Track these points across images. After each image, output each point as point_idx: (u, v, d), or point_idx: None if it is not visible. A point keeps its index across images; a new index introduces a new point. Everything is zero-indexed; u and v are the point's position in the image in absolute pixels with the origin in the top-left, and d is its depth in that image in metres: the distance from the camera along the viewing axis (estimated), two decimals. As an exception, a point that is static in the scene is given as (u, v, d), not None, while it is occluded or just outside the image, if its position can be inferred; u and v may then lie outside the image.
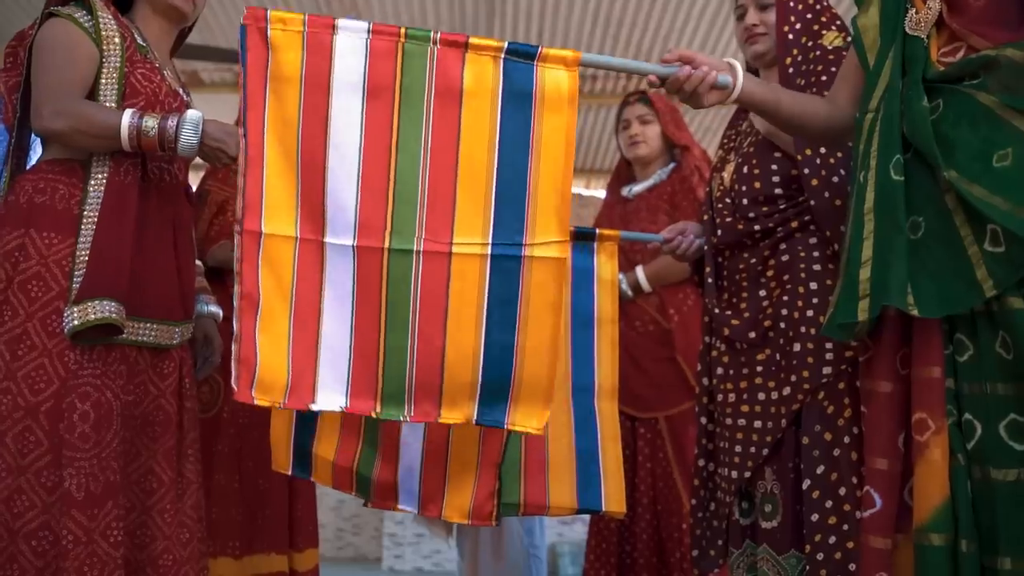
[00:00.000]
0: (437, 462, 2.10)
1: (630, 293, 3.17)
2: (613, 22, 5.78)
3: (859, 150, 1.62)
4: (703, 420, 2.22)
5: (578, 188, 8.01)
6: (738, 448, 2.06)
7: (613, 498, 2.24)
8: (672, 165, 3.32)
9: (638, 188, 3.33)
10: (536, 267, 1.72)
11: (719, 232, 2.17)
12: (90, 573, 1.78)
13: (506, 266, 1.71)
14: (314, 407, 1.72)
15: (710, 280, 2.19)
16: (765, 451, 2.01)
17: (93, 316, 1.82)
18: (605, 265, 2.31)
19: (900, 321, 1.55)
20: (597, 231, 2.35)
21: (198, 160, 2.05)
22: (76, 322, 1.82)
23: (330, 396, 1.72)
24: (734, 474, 2.06)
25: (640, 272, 3.19)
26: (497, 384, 1.73)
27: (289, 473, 2.17)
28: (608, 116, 7.01)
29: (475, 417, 1.75)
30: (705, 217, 2.28)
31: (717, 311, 2.14)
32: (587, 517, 6.36)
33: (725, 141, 2.32)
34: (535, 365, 1.74)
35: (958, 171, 1.49)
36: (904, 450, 1.53)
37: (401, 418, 1.74)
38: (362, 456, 2.13)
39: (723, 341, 2.15)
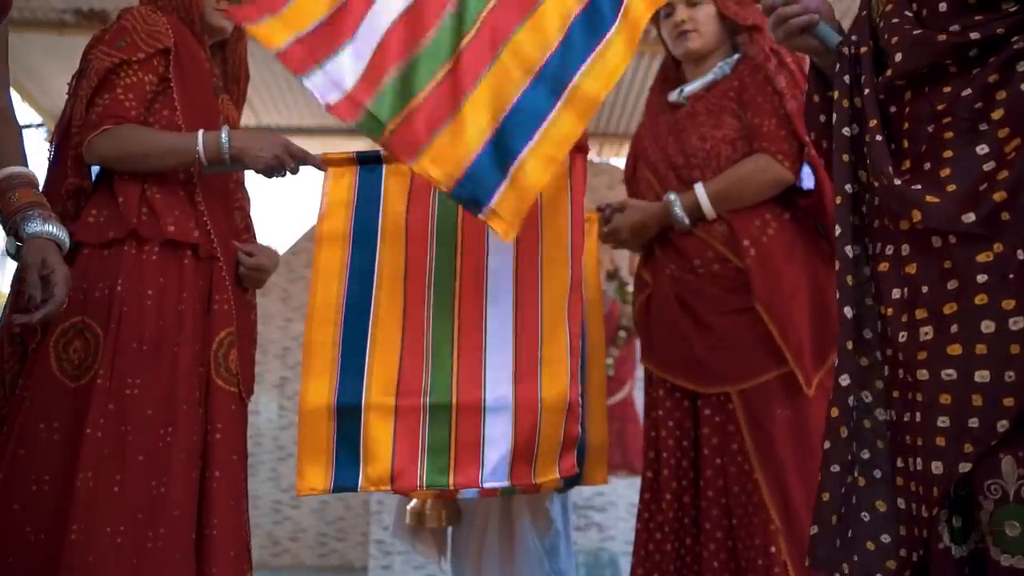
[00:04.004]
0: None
1: (686, 221, 2.29)
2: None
3: None
4: (844, 379, 1.32)
5: (590, 155, 7.17)
6: (942, 422, 1.17)
7: None
8: (736, 56, 2.42)
9: (692, 87, 2.43)
10: None
11: (898, 57, 1.28)
12: None
13: None
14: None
15: (879, 138, 1.29)
16: (1002, 425, 1.12)
17: None
18: None
19: None
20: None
21: None
22: None
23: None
24: (936, 467, 1.17)
25: (700, 191, 2.29)
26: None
27: (330, 491, 1.80)
28: (628, 67, 6.13)
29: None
30: (864, 49, 1.38)
31: (897, 183, 1.24)
32: (604, 521, 5.60)
33: None
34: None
35: None
36: None
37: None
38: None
39: (903, 239, 1.26)
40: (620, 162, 7.39)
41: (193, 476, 1.83)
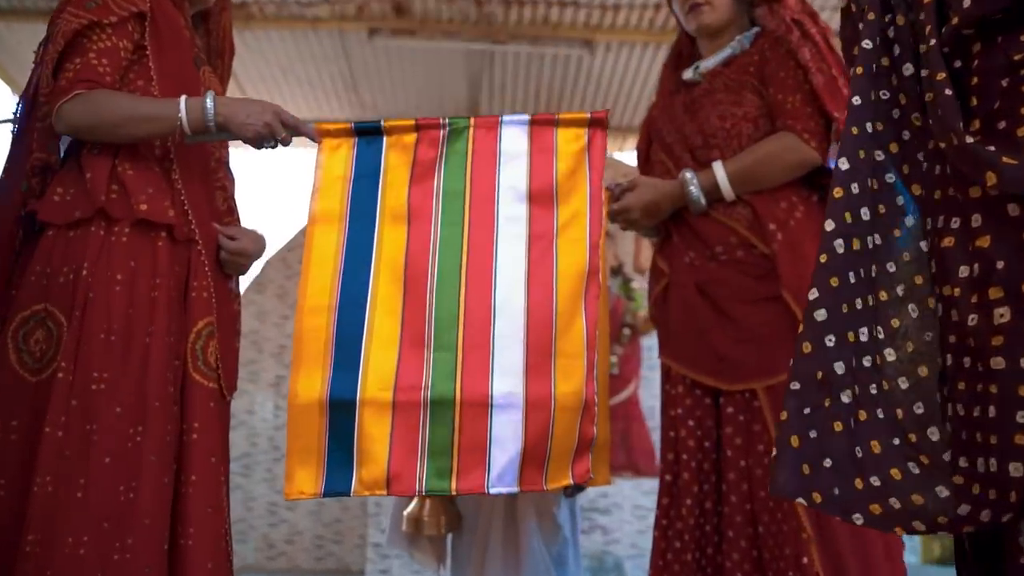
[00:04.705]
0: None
1: (703, 201, 2.13)
2: None
3: None
4: (813, 293, 1.16)
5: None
6: (1022, 417, 1.00)
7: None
8: (755, 29, 2.27)
9: (709, 63, 2.27)
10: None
11: (967, 2, 1.11)
12: None
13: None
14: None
15: (948, 92, 1.12)
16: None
17: None
18: None
19: None
20: None
21: None
22: None
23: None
24: (1016, 469, 1.00)
25: (719, 169, 2.13)
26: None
27: (321, 495, 1.67)
28: (632, 56, 5.98)
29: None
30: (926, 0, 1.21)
31: (970, 142, 1.07)
32: (608, 524, 5.45)
33: None
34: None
35: None
36: None
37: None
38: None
39: (974, 208, 1.09)
40: (624, 156, 7.22)
41: (165, 480, 1.65)
